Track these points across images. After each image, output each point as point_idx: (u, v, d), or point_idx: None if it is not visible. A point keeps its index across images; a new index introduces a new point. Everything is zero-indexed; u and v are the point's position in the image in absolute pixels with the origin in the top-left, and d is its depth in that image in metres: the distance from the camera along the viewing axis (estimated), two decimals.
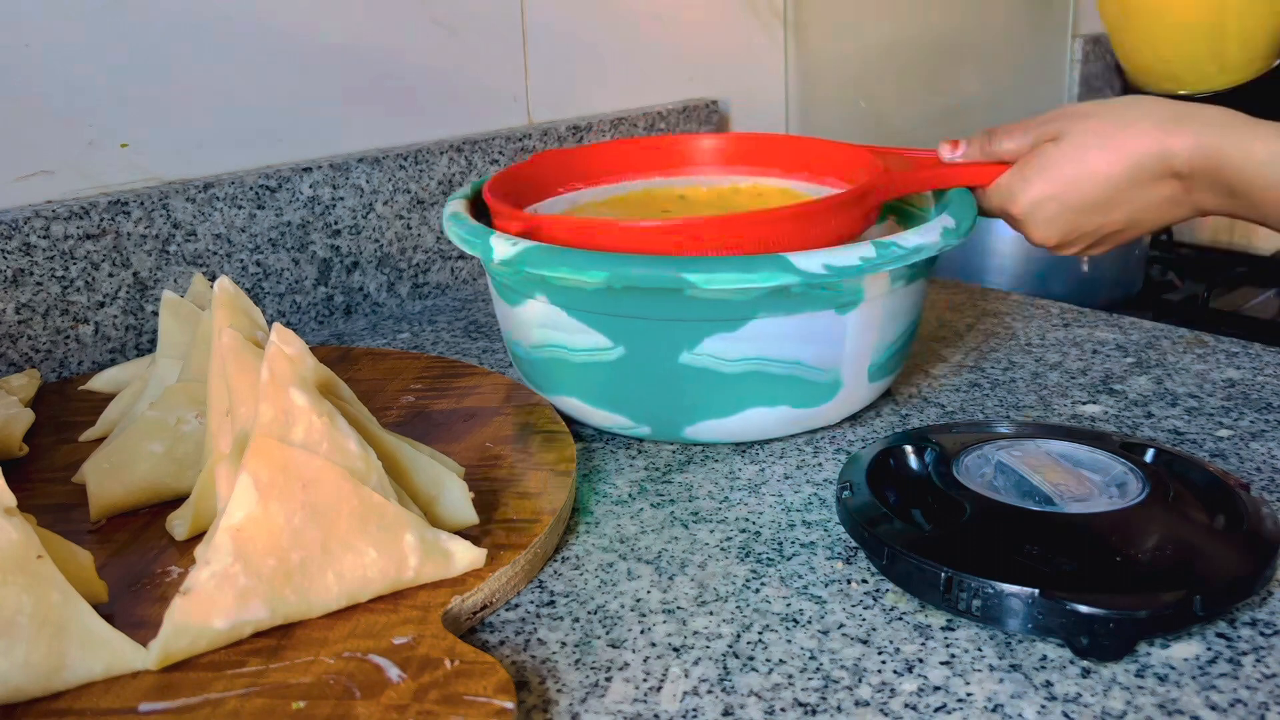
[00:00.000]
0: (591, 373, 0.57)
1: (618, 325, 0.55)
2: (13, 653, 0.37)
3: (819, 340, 0.55)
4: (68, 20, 0.68)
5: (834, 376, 0.57)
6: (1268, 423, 0.59)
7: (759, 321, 0.54)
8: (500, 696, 0.36)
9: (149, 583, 0.45)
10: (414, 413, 0.60)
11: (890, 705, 0.38)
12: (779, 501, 0.53)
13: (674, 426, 0.58)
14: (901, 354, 0.61)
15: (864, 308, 0.55)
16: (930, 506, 0.48)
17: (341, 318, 0.82)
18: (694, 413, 0.57)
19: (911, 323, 0.61)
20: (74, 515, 0.50)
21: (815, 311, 0.54)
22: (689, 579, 0.46)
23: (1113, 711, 0.38)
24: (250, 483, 0.40)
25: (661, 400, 0.57)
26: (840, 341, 0.56)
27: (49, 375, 0.68)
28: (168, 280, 0.73)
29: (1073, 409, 0.62)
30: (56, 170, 0.69)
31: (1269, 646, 0.41)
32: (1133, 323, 0.75)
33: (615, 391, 0.57)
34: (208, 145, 0.75)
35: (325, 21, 0.79)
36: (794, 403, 0.56)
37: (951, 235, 0.56)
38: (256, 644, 0.40)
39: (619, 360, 0.56)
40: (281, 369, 0.42)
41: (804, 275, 0.51)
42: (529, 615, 0.44)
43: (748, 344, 0.54)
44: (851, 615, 0.44)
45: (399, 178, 0.83)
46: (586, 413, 0.59)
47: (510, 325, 0.61)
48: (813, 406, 0.57)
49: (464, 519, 0.47)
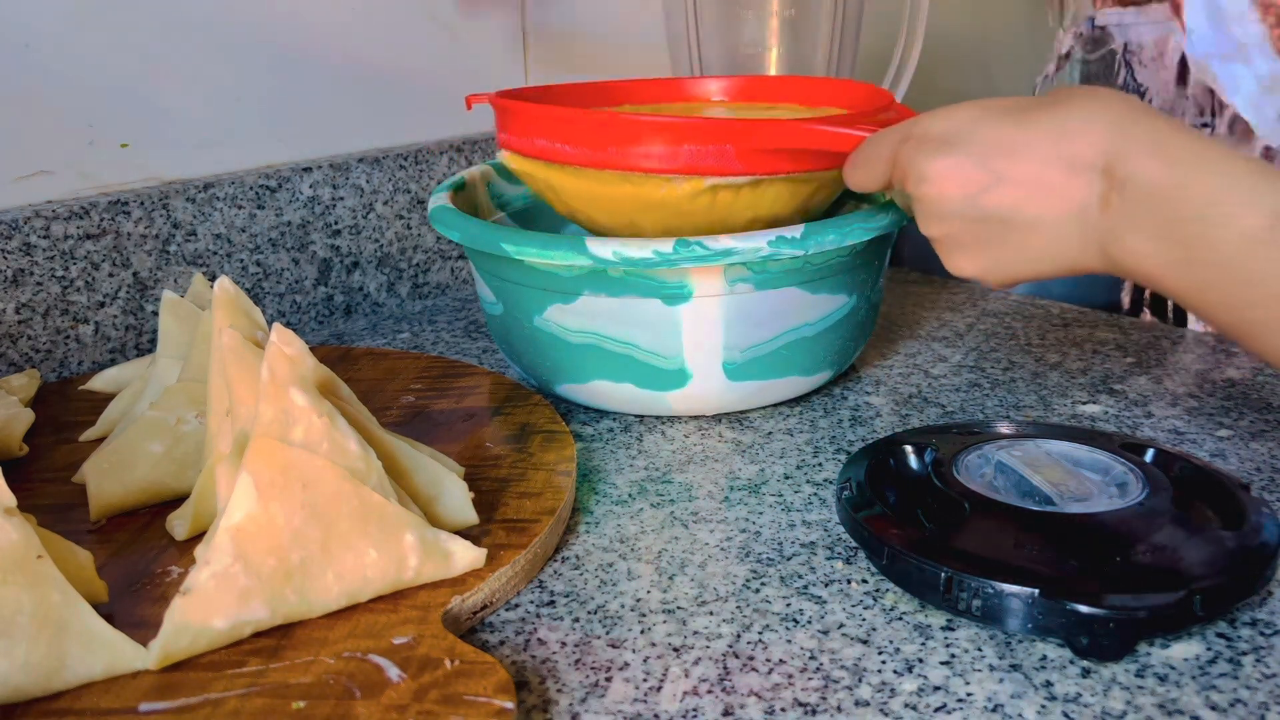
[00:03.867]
0: (494, 325, 0.65)
1: (496, 284, 0.62)
2: (13, 653, 0.37)
3: (651, 327, 0.57)
4: (68, 20, 0.68)
5: (677, 365, 0.58)
6: (1268, 423, 0.59)
7: (589, 298, 0.57)
8: (500, 696, 0.36)
9: (149, 583, 0.45)
10: (414, 413, 0.60)
11: (890, 705, 0.38)
12: (779, 501, 0.53)
13: (548, 383, 0.63)
14: (783, 360, 0.59)
15: (697, 303, 0.56)
16: (930, 506, 0.48)
17: (341, 318, 0.82)
18: (556, 374, 0.62)
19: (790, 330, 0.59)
20: (74, 515, 0.50)
21: (640, 298, 0.56)
22: (689, 579, 0.46)
23: (1113, 711, 0.38)
24: (250, 483, 0.40)
25: (531, 357, 0.62)
26: (675, 333, 0.57)
27: (49, 375, 0.68)
28: (168, 280, 0.73)
29: (1073, 409, 0.62)
30: (56, 170, 0.69)
31: (1269, 646, 0.41)
32: (1133, 323, 0.75)
33: (506, 344, 0.64)
34: (208, 145, 0.75)
35: (326, 21, 0.79)
36: (638, 382, 0.59)
37: (786, 244, 0.54)
38: (256, 644, 0.40)
39: (502, 315, 0.63)
40: (281, 369, 0.42)
41: (596, 259, 0.54)
42: (529, 615, 0.44)
43: (583, 318, 0.58)
44: (851, 615, 0.44)
45: (399, 178, 0.83)
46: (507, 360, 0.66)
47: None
48: (661, 390, 0.59)
49: (464, 519, 0.47)
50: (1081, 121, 0.45)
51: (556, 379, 0.62)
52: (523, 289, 0.59)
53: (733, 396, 0.60)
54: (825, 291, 0.59)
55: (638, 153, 0.56)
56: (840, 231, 0.55)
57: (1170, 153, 0.43)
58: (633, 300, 0.56)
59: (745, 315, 0.57)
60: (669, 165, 0.56)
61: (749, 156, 0.56)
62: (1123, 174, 0.43)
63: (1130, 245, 0.44)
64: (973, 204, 0.47)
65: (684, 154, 0.56)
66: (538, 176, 0.61)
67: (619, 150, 0.57)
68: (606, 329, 0.58)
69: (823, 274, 0.58)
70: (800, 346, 0.60)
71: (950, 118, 0.49)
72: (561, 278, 0.57)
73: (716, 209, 0.58)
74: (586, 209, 0.62)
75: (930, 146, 0.48)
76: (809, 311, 0.59)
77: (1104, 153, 0.44)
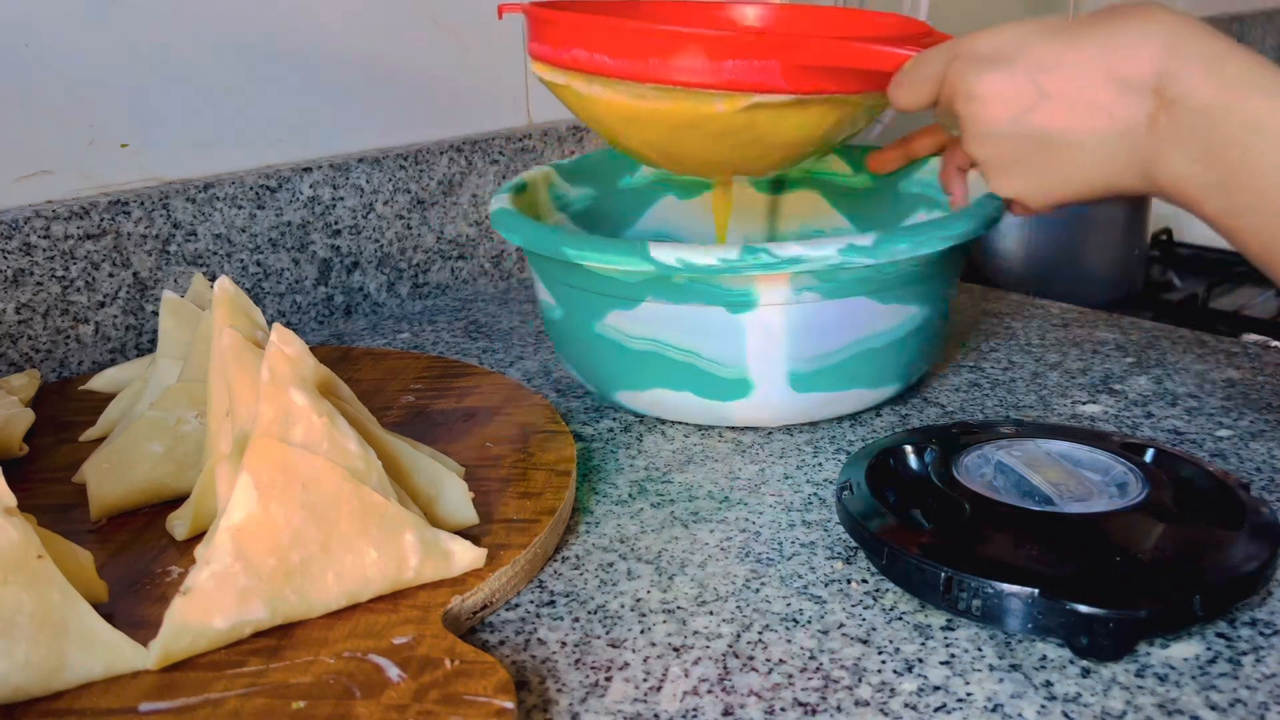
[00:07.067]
0: (553, 329, 0.63)
1: (556, 288, 0.60)
2: (13, 653, 0.37)
3: (714, 335, 0.56)
4: (68, 20, 0.68)
5: (740, 374, 0.57)
6: (1268, 423, 0.59)
7: (652, 304, 0.56)
8: (500, 696, 0.36)
9: (149, 583, 0.45)
10: (414, 413, 0.60)
11: (890, 705, 0.38)
12: (779, 501, 0.53)
13: (606, 390, 0.62)
14: (850, 372, 0.58)
15: (762, 312, 0.55)
16: (930, 506, 0.48)
17: (341, 318, 0.82)
18: (615, 381, 0.60)
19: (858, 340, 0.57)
20: (74, 515, 0.50)
21: (704, 305, 0.55)
22: (689, 579, 0.46)
23: (1113, 711, 0.38)
24: (250, 483, 0.40)
25: (590, 363, 0.61)
26: (739, 342, 0.56)
27: (49, 375, 0.68)
28: (168, 280, 0.73)
29: (1073, 409, 0.62)
30: (56, 170, 0.69)
31: (1269, 646, 0.41)
32: (1133, 323, 0.75)
33: (565, 348, 0.63)
34: (208, 145, 0.75)
35: (325, 21, 0.79)
36: (698, 391, 0.58)
37: (857, 253, 0.52)
38: (256, 644, 0.40)
39: (562, 320, 0.61)
40: (281, 369, 0.42)
41: (659, 265, 0.53)
42: (529, 615, 0.44)
43: (645, 325, 0.57)
44: (851, 615, 0.44)
45: (399, 178, 0.83)
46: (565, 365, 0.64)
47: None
48: (722, 400, 0.58)
49: (464, 519, 0.47)
50: (1135, 40, 0.44)
51: (615, 386, 0.61)
52: (584, 294, 0.58)
53: (796, 408, 0.59)
54: (895, 302, 0.57)
55: (680, 65, 0.54)
56: (913, 240, 0.53)
57: (1222, 73, 0.42)
58: (695, 307, 0.55)
59: (811, 325, 0.55)
60: (711, 79, 0.54)
61: (793, 74, 0.54)
62: (1172, 94, 0.43)
63: (1172, 166, 0.44)
64: (1020, 122, 0.47)
65: (727, 69, 0.54)
66: (571, 90, 0.59)
67: (661, 62, 0.54)
68: (668, 336, 0.56)
69: (893, 284, 0.56)
70: (867, 359, 0.58)
71: (1000, 36, 0.48)
72: (623, 283, 0.55)
73: (755, 129, 0.56)
74: (622, 128, 0.59)
75: (980, 64, 0.48)
76: (878, 322, 0.57)
77: (1156, 73, 0.43)
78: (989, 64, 0.48)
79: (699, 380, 0.57)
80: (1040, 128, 0.47)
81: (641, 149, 0.61)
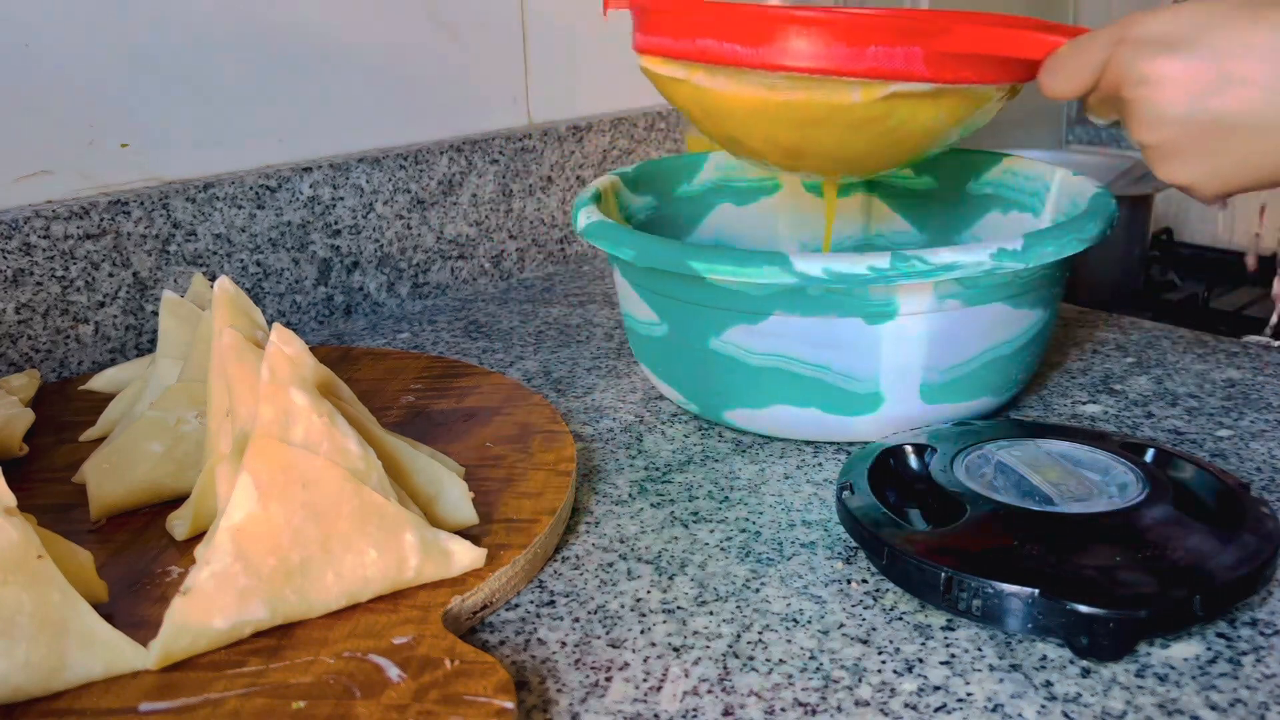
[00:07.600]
0: (650, 346, 0.60)
1: (660, 303, 0.57)
2: (13, 653, 0.37)
3: (847, 347, 0.53)
4: (68, 20, 0.68)
5: (872, 388, 0.55)
6: (1268, 423, 0.59)
7: (779, 318, 0.53)
8: (500, 696, 0.36)
9: (149, 583, 0.45)
10: (414, 413, 0.60)
11: (890, 705, 0.38)
12: (779, 501, 0.53)
13: (715, 409, 0.59)
14: (979, 380, 0.57)
15: (901, 321, 0.53)
16: (930, 506, 0.48)
17: (341, 318, 0.82)
18: (728, 398, 0.58)
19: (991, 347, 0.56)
20: (74, 515, 0.50)
21: (840, 317, 0.53)
22: (689, 579, 0.46)
23: (1113, 711, 0.38)
24: (250, 483, 0.40)
25: (699, 381, 0.58)
26: (874, 353, 0.54)
27: (49, 375, 0.68)
28: (168, 280, 0.73)
29: (1073, 409, 0.62)
30: (56, 170, 0.69)
31: (1269, 646, 0.41)
32: (1133, 323, 0.75)
33: (666, 366, 0.60)
34: (208, 145, 0.75)
35: (325, 21, 0.79)
36: (824, 407, 0.55)
37: (1008, 257, 0.51)
38: (256, 644, 0.40)
39: (664, 337, 0.58)
40: (281, 369, 0.42)
41: (801, 277, 0.50)
42: (529, 615, 0.44)
43: (770, 339, 0.54)
44: (851, 615, 0.44)
45: (399, 178, 0.83)
46: (655, 382, 0.62)
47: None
48: (849, 415, 0.55)
49: (464, 519, 0.47)
50: None
51: (728, 405, 0.58)
52: (699, 309, 0.55)
53: (924, 421, 0.56)
54: (1025, 306, 0.56)
55: (819, 52, 0.51)
56: (1058, 242, 0.52)
57: None
58: (828, 319, 0.53)
59: (949, 333, 0.54)
60: (852, 66, 0.51)
61: (936, 61, 0.52)
62: None
63: None
64: (1199, 107, 0.46)
65: (869, 55, 0.51)
66: (689, 85, 0.55)
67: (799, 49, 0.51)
68: (796, 350, 0.54)
69: (1027, 288, 0.55)
70: (997, 365, 0.56)
71: (1174, 18, 0.47)
72: (750, 296, 0.53)
73: (892, 121, 0.54)
74: (746, 124, 0.56)
75: (1153, 48, 0.47)
76: (1010, 328, 0.56)
77: None
78: (1163, 47, 0.47)
79: (826, 395, 0.55)
80: (1223, 111, 0.46)
81: (762, 146, 0.58)
